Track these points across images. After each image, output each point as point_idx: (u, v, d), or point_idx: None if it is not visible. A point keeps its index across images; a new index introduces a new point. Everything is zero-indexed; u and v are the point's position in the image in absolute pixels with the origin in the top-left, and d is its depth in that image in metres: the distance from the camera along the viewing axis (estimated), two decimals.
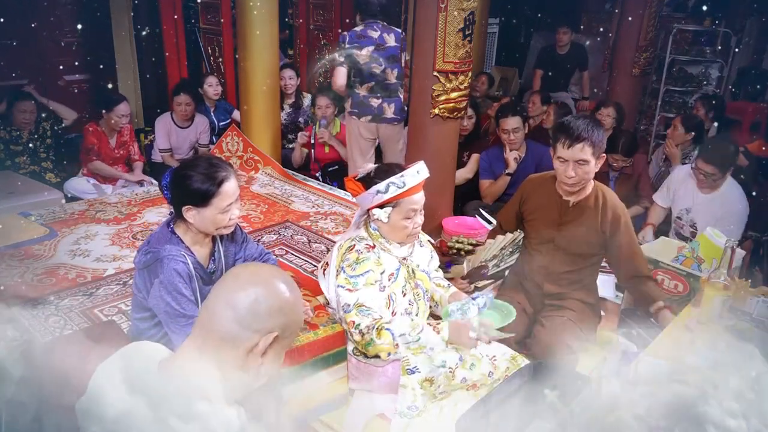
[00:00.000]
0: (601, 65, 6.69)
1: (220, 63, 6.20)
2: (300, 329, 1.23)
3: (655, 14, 5.20)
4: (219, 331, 1.10)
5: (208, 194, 1.86)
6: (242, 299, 1.10)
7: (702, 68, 6.15)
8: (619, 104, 4.49)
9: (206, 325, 1.12)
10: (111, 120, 4.30)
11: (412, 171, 2.02)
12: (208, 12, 6.12)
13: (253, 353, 1.11)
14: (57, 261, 3.27)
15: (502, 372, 2.07)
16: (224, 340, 1.10)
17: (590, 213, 2.37)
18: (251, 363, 1.12)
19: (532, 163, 3.90)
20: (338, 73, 4.05)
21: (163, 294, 1.86)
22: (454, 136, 3.51)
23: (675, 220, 3.49)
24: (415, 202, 2.03)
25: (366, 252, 2.02)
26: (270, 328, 1.11)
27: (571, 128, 2.21)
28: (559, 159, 2.26)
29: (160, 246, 1.91)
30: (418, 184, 2.03)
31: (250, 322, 1.10)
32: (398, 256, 2.09)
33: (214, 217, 1.89)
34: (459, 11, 3.08)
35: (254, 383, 1.17)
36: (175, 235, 1.95)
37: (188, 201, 1.87)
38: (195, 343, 1.13)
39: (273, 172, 4.80)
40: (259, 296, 1.10)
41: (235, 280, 1.14)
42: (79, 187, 4.36)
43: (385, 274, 2.04)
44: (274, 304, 1.11)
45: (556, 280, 2.47)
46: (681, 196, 3.44)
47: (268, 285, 1.12)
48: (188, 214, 1.89)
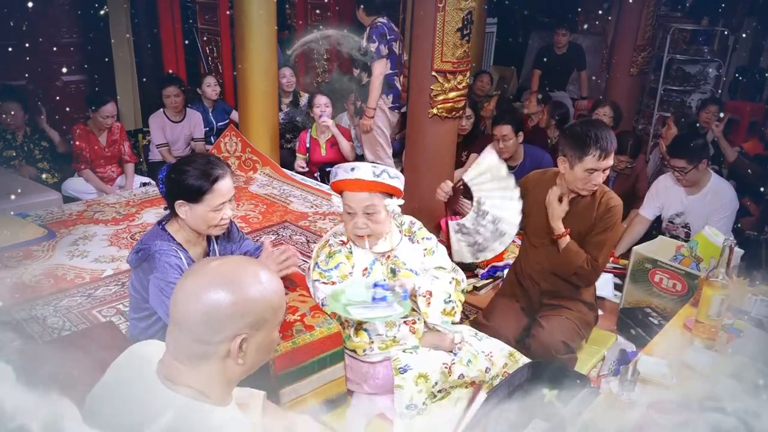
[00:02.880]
0: (599, 65, 6.70)
1: (218, 63, 6.19)
2: (278, 314, 1.14)
3: (652, 14, 5.21)
4: (185, 349, 1.07)
5: (202, 190, 1.86)
6: (192, 317, 1.04)
7: (700, 67, 6.16)
8: (615, 104, 4.50)
9: (173, 343, 1.09)
10: (98, 119, 4.29)
11: (347, 166, 2.02)
12: (205, 12, 6.11)
13: (230, 357, 1.08)
14: (55, 262, 3.27)
15: (500, 368, 2.07)
16: (193, 356, 1.07)
17: (587, 207, 2.37)
18: (230, 364, 1.09)
19: (531, 169, 3.90)
20: (384, 65, 4.17)
21: (158, 291, 1.84)
22: (453, 135, 3.51)
23: (667, 225, 3.49)
24: (348, 199, 2.02)
25: (337, 246, 2.08)
26: (234, 333, 1.06)
27: (600, 140, 2.22)
28: (588, 171, 2.26)
29: (151, 243, 1.90)
30: (350, 180, 1.98)
31: (209, 338, 1.05)
32: (372, 252, 2.09)
33: (206, 215, 1.89)
34: (457, 11, 3.08)
35: (246, 374, 1.15)
36: (166, 233, 1.95)
37: (182, 196, 1.88)
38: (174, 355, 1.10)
39: (271, 172, 4.80)
40: (210, 307, 1.03)
41: (183, 295, 1.07)
42: (78, 188, 4.35)
43: (357, 268, 2.07)
44: (228, 311, 1.04)
45: (553, 277, 2.47)
46: (670, 203, 3.45)
47: (218, 291, 1.04)
48: (181, 209, 1.89)
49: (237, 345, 1.06)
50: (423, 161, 3.41)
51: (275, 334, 1.16)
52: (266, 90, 4.75)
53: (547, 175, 2.49)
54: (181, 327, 1.06)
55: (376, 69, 4.19)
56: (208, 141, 5.10)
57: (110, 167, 4.49)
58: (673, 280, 2.70)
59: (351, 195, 2.01)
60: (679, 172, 3.26)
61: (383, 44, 4.16)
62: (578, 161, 2.26)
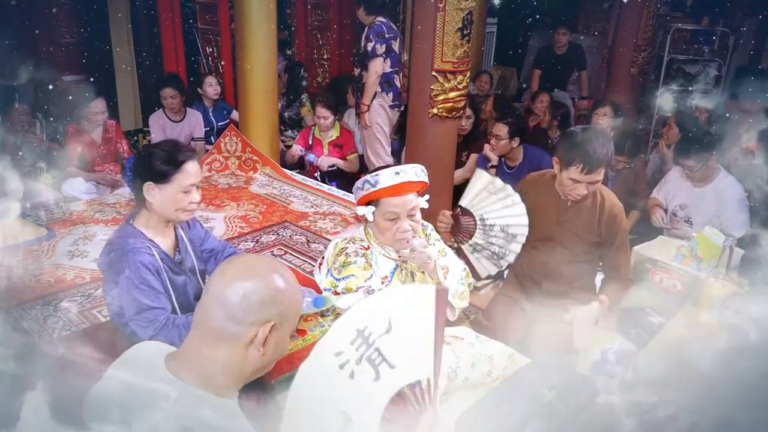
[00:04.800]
0: (599, 65, 6.70)
1: (218, 63, 6.20)
2: (298, 314, 1.22)
3: (652, 14, 5.21)
4: (215, 328, 1.12)
5: (171, 170, 1.88)
6: (231, 296, 1.10)
7: (700, 67, 6.15)
8: (615, 103, 4.49)
9: (202, 324, 1.14)
10: (88, 116, 4.29)
11: (390, 171, 1.92)
12: (205, 12, 6.12)
13: (254, 344, 1.13)
14: (55, 262, 3.27)
15: (501, 371, 2.07)
16: (221, 337, 1.11)
17: (587, 213, 2.37)
18: (252, 353, 1.14)
19: (530, 169, 3.91)
20: (379, 63, 4.22)
21: (130, 289, 1.81)
22: (453, 135, 3.51)
23: (670, 217, 3.50)
24: (395, 205, 1.93)
25: (354, 256, 1.99)
26: (266, 318, 1.12)
27: (590, 155, 2.17)
28: (572, 179, 2.25)
29: (122, 241, 1.89)
30: (396, 185, 1.91)
31: (242, 317, 1.10)
32: (395, 258, 2.06)
33: (175, 196, 1.89)
34: (457, 11, 3.08)
35: (259, 371, 1.19)
36: (136, 229, 1.94)
37: (150, 177, 1.88)
38: (195, 340, 1.14)
39: (271, 172, 4.80)
40: (248, 290, 1.11)
41: (222, 277, 1.14)
42: (78, 188, 4.35)
43: (376, 278, 2.01)
44: (265, 296, 1.11)
45: (554, 278, 2.47)
46: (675, 193, 3.47)
47: (257, 277, 1.13)
48: (150, 192, 1.88)
49: (267, 330, 1.12)
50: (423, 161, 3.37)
51: (288, 339, 1.22)
52: (266, 90, 4.75)
53: (545, 177, 2.49)
54: (218, 303, 1.11)
55: (371, 67, 4.22)
56: (208, 141, 5.10)
57: (108, 166, 4.49)
58: (673, 280, 2.70)
59: (398, 200, 1.93)
60: (690, 169, 3.28)
61: (380, 43, 4.18)
62: (564, 168, 2.26)
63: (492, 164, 3.96)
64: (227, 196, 4.38)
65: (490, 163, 3.96)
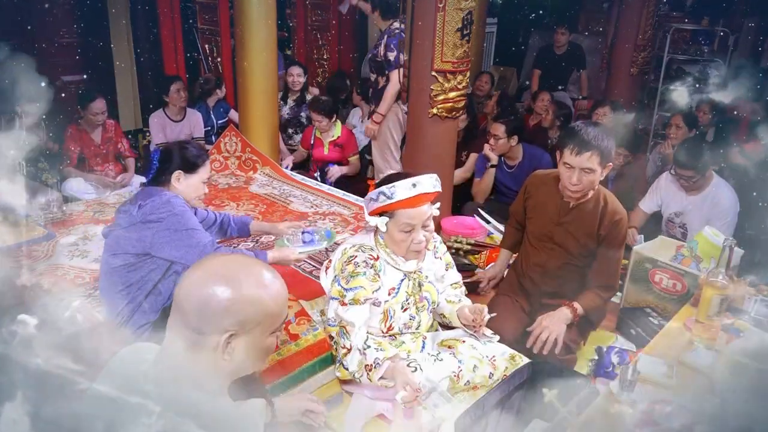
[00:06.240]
0: (599, 65, 6.70)
1: (218, 63, 6.20)
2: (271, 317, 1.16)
3: (652, 13, 5.21)
4: (181, 332, 1.12)
5: (198, 164, 2.31)
6: (186, 304, 1.10)
7: (700, 67, 6.15)
8: (616, 103, 4.50)
9: (173, 327, 1.14)
10: (88, 117, 4.30)
11: (407, 183, 1.89)
12: (205, 12, 6.12)
13: (218, 351, 1.11)
14: (55, 262, 3.27)
15: (502, 372, 2.07)
16: (188, 341, 1.12)
17: (589, 216, 2.37)
18: (220, 359, 1.12)
19: (529, 168, 3.92)
20: (400, 74, 4.06)
21: (181, 235, 2.15)
22: (453, 135, 3.51)
23: (666, 223, 3.49)
24: (411, 217, 1.91)
25: (363, 267, 1.97)
26: (223, 327, 1.10)
27: (580, 135, 2.19)
28: (565, 165, 2.25)
29: (157, 194, 2.19)
30: (412, 197, 1.89)
31: (198, 326, 1.09)
32: (404, 270, 2.04)
33: (198, 185, 2.33)
34: (457, 11, 3.07)
35: (241, 372, 1.18)
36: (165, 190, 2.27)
37: (180, 167, 2.27)
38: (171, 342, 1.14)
39: (271, 172, 4.79)
40: (201, 300, 1.09)
41: (182, 285, 1.13)
42: (78, 188, 4.35)
43: (384, 290, 2.00)
44: (217, 307, 1.09)
45: (553, 278, 2.47)
46: (670, 201, 3.45)
47: (213, 285, 1.10)
48: (178, 180, 2.27)
49: (224, 340, 1.11)
50: (422, 161, 3.41)
51: (269, 341, 1.18)
52: (266, 90, 4.74)
53: (550, 177, 2.49)
54: (180, 312, 1.12)
55: (393, 77, 4.16)
56: (208, 140, 5.11)
57: (108, 165, 4.49)
58: (673, 280, 2.70)
59: (413, 211, 1.91)
60: (686, 179, 3.26)
61: (402, 53, 4.11)
62: (560, 155, 2.28)
63: (492, 164, 3.96)
64: (227, 196, 4.38)
65: (490, 162, 3.97)
